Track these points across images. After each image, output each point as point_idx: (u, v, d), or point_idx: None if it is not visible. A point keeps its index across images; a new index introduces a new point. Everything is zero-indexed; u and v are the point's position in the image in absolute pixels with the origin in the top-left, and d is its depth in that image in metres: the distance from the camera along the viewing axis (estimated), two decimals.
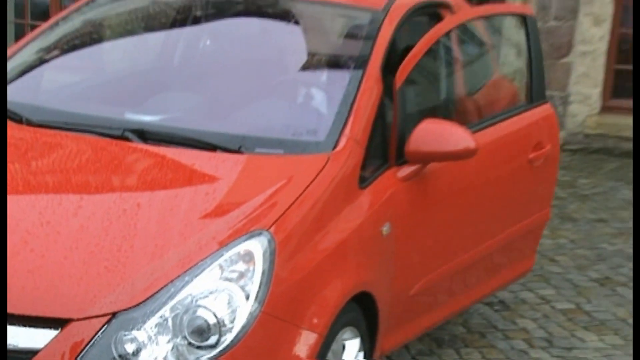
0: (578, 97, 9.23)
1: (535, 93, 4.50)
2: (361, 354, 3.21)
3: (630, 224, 6.73)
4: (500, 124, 4.20)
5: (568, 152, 8.97)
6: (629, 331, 4.83)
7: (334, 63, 3.85)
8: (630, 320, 4.96)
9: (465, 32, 4.74)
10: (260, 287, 2.65)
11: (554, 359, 4.47)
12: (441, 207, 3.79)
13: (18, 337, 2.47)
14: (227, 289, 2.62)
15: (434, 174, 3.62)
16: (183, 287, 2.57)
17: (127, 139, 3.26)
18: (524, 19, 4.53)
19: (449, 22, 4.08)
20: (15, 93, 3.66)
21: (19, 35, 10.26)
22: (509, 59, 5.42)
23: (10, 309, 2.47)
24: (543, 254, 5.94)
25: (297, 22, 4.03)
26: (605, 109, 9.17)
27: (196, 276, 2.60)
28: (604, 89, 9.12)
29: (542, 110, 4.52)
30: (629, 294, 5.35)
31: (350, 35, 3.89)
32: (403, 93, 3.50)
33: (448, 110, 4.21)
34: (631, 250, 6.08)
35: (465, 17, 4.40)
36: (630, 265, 5.81)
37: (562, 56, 9.25)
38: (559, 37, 9.22)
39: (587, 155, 8.71)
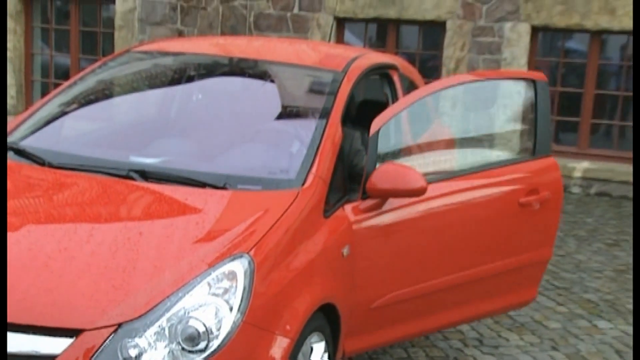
0: None
1: (539, 147, 4.13)
2: (326, 355, 3.18)
3: None
4: (488, 171, 3.98)
5: None
6: (544, 331, 4.89)
7: (303, 114, 3.82)
8: (545, 322, 5.02)
9: (411, 86, 4.76)
10: (242, 300, 2.63)
11: (484, 355, 4.47)
12: (401, 237, 3.65)
13: (40, 344, 2.44)
14: (214, 303, 2.59)
15: (395, 208, 3.55)
16: (177, 301, 2.55)
17: (131, 178, 3.23)
18: (533, 83, 4.17)
19: (437, 85, 3.91)
20: (39, 140, 3.66)
21: (44, 92, 10.27)
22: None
23: (32, 321, 2.45)
24: None
25: (272, 81, 4.04)
26: None
27: (188, 292, 2.57)
28: None
29: (544, 162, 4.14)
30: (544, 301, 5.42)
31: (316, 91, 3.87)
32: (375, 140, 3.46)
33: (400, 154, 4.07)
34: None
35: (472, 78, 4.19)
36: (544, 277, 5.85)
37: None
38: None
39: None
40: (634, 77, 8.67)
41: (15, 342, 2.42)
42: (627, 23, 8.89)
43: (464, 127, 4.33)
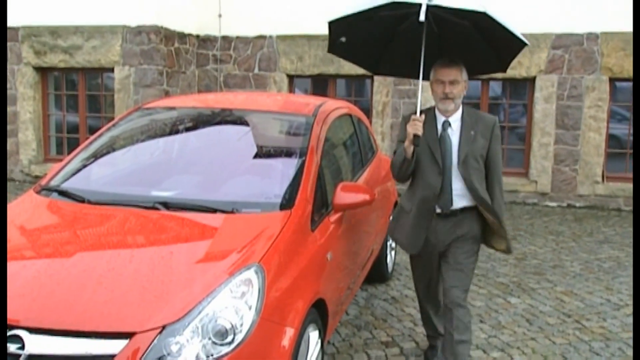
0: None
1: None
2: (320, 341, 3.14)
3: None
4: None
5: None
6: (471, 309, 4.87)
7: (287, 150, 3.73)
8: (472, 302, 5.00)
9: (360, 122, 4.81)
10: (257, 300, 2.58)
11: None
12: (350, 237, 3.78)
13: (102, 346, 2.35)
14: (236, 304, 2.53)
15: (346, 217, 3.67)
16: (207, 305, 2.48)
17: (156, 209, 3.15)
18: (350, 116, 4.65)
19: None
20: (76, 182, 3.54)
21: (59, 144, 10.05)
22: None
23: (94, 328, 2.36)
24: None
25: (260, 126, 3.99)
26: None
27: (215, 297, 2.51)
28: None
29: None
30: None
31: (294, 131, 3.83)
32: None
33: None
34: None
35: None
36: None
37: None
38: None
39: None
40: (633, 87, 8.53)
41: (81, 346, 2.33)
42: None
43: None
